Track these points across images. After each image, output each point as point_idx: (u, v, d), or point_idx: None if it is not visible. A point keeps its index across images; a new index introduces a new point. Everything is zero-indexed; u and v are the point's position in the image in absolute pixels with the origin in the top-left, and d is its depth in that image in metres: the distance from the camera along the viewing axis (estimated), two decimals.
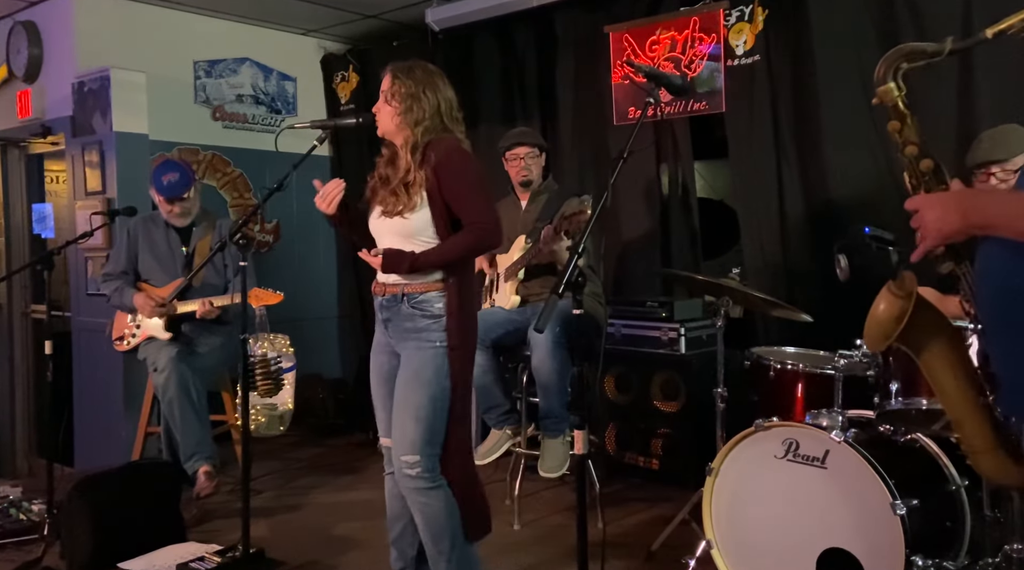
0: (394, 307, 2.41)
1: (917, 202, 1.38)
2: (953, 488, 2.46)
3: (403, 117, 2.38)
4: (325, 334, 5.73)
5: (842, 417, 2.47)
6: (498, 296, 3.64)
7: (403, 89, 2.38)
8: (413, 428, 2.32)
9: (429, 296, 2.37)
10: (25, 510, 3.49)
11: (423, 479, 2.33)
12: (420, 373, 2.34)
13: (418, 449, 2.32)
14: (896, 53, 1.48)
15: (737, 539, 2.55)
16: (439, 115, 2.40)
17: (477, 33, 4.96)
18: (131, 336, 3.88)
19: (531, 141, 3.65)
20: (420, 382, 2.34)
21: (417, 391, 2.34)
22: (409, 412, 2.34)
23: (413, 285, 2.37)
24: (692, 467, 3.55)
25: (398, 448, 2.36)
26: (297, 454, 4.74)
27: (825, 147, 3.75)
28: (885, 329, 1.58)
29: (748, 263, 3.97)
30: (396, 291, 2.39)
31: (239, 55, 5.29)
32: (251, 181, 5.34)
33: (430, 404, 2.33)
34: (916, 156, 1.45)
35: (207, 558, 2.86)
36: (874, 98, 1.49)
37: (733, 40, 3.97)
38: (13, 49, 4.86)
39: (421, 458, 2.32)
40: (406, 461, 2.33)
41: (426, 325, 2.36)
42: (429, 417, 2.32)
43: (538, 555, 3.15)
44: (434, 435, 2.34)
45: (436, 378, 2.33)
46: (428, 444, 2.33)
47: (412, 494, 2.36)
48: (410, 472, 2.33)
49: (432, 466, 2.34)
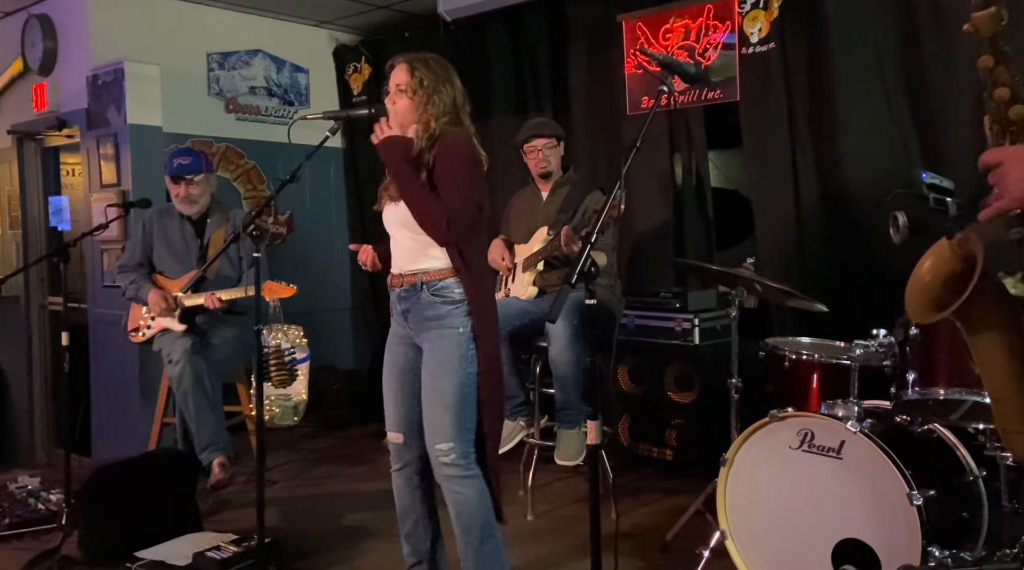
0: (413, 297, 2.40)
1: (999, 154, 1.20)
2: (971, 479, 2.44)
3: (424, 109, 2.36)
4: (339, 325, 5.74)
5: (858, 407, 2.44)
6: (514, 286, 3.63)
7: (424, 81, 2.37)
8: (444, 416, 2.32)
9: (448, 282, 2.36)
10: (43, 500, 3.53)
11: (458, 467, 2.33)
12: (445, 361, 2.34)
13: (451, 436, 2.32)
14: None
15: (751, 529, 2.54)
16: (455, 108, 2.40)
17: (489, 23, 4.94)
18: (146, 328, 3.91)
19: (548, 132, 3.62)
20: (446, 370, 2.33)
21: (444, 379, 2.33)
22: (440, 401, 2.33)
23: (430, 273, 2.37)
24: (706, 458, 3.52)
25: (432, 437, 2.35)
26: (311, 445, 4.76)
27: (841, 136, 3.71)
28: (932, 293, 1.38)
29: (762, 253, 3.95)
30: (414, 280, 2.39)
31: (252, 47, 5.30)
32: (264, 173, 5.35)
33: (458, 391, 2.33)
34: (1006, 100, 1.24)
35: (223, 547, 2.88)
36: (967, 25, 1.27)
37: (748, 28, 3.93)
38: (28, 42, 4.89)
39: (454, 444, 2.32)
40: (440, 449, 2.33)
41: (447, 311, 2.35)
42: (459, 404, 2.33)
43: (551, 546, 3.15)
44: (465, 421, 2.34)
45: (461, 364, 2.34)
46: (460, 431, 2.33)
47: (446, 482, 2.36)
48: (445, 460, 2.33)
49: (466, 452, 2.34)
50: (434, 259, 2.38)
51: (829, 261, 3.77)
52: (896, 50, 3.53)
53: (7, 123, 5.13)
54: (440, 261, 2.38)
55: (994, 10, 1.22)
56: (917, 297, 1.43)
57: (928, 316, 1.44)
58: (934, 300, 1.39)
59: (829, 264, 3.76)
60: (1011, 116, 1.24)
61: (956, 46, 3.28)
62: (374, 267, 2.55)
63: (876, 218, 3.62)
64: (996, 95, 1.25)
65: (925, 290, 1.42)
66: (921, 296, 1.43)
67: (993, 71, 1.25)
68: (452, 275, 2.37)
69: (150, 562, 2.84)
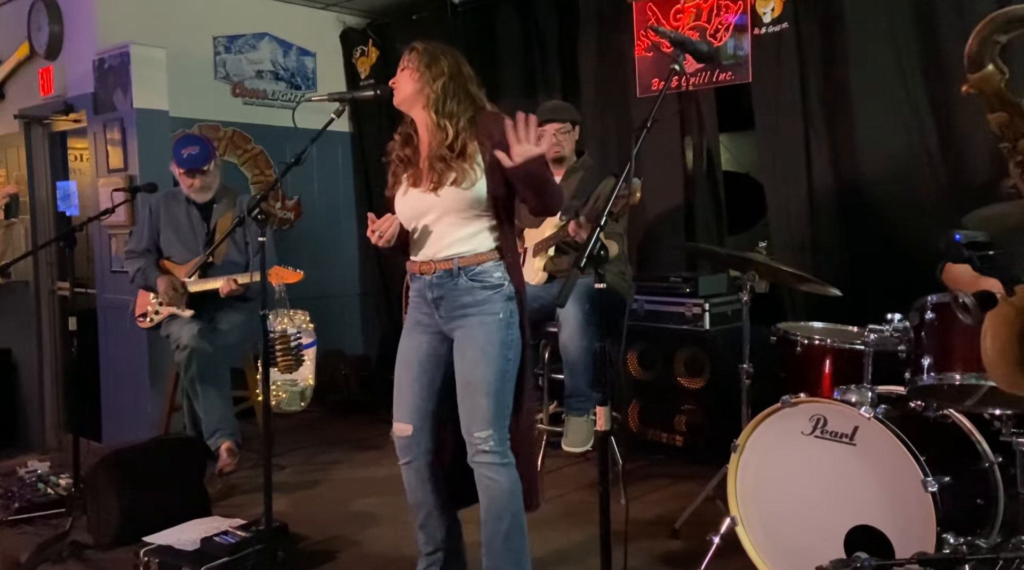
0: (448, 283, 2.34)
1: None
2: (986, 465, 2.41)
3: (421, 81, 2.33)
4: (348, 311, 5.74)
5: (872, 393, 2.41)
6: (524, 271, 3.59)
7: (422, 52, 2.36)
8: (484, 403, 2.28)
9: (486, 266, 2.32)
10: (53, 484, 3.54)
11: (495, 454, 2.30)
12: (486, 348, 2.29)
13: (490, 424, 2.28)
14: (989, 26, 1.19)
15: (763, 516, 2.51)
16: (462, 76, 2.35)
17: (497, 5, 4.89)
18: (154, 313, 3.90)
19: (562, 117, 3.55)
20: (488, 358, 2.29)
21: (485, 366, 2.29)
22: (480, 389, 2.29)
23: (467, 257, 2.32)
24: (716, 444, 3.49)
25: (470, 425, 2.31)
26: (320, 430, 4.76)
27: (855, 118, 3.65)
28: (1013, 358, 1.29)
29: (775, 237, 3.91)
30: (449, 266, 2.33)
31: (258, 30, 5.26)
32: (271, 158, 5.33)
33: (500, 378, 2.29)
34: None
35: (230, 532, 2.88)
36: (965, 86, 1.21)
37: (760, 7, 3.87)
38: (34, 26, 4.87)
39: (493, 432, 2.29)
40: (479, 437, 2.29)
41: (487, 297, 2.31)
42: (499, 391, 2.29)
43: (561, 531, 3.14)
44: (504, 408, 2.31)
45: (502, 351, 2.30)
46: (498, 418, 2.30)
47: (482, 469, 2.32)
48: (484, 447, 2.29)
49: (503, 440, 2.31)
50: (469, 243, 2.33)
51: (842, 245, 3.72)
52: (912, 30, 3.46)
53: (14, 108, 5.12)
54: (475, 245, 2.33)
55: (991, 68, 1.16)
56: (999, 369, 1.36)
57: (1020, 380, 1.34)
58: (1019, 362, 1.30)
59: (842, 248, 3.72)
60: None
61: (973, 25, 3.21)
62: (388, 242, 2.40)
63: (890, 200, 3.58)
64: (1021, 146, 1.20)
65: (1003, 359, 1.34)
66: (1004, 366, 1.35)
67: (1011, 125, 1.19)
68: (490, 259, 2.33)
69: (159, 547, 2.84)
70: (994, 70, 1.17)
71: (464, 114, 2.34)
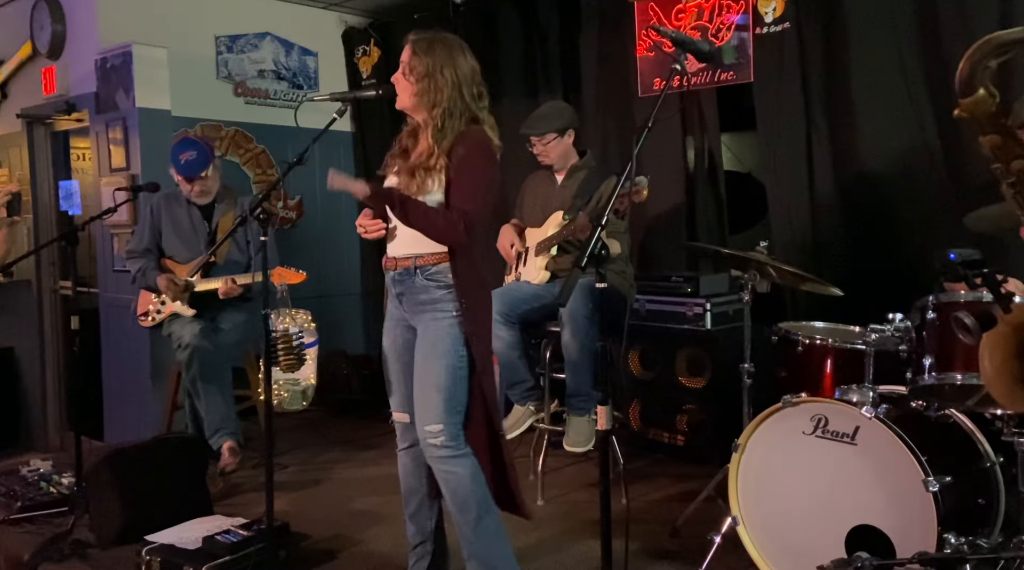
0: (407, 280, 2.41)
1: None
2: (987, 465, 2.41)
3: (419, 98, 2.35)
4: (349, 310, 5.74)
5: (873, 393, 2.41)
6: (526, 270, 3.60)
7: (420, 67, 2.33)
8: (434, 397, 2.34)
9: (442, 267, 2.37)
10: (55, 483, 3.54)
11: (448, 448, 2.34)
12: (437, 344, 2.35)
13: (440, 418, 2.33)
14: (980, 50, 1.18)
15: (764, 515, 2.52)
16: (459, 95, 2.34)
17: (499, 4, 4.89)
18: (156, 313, 3.91)
19: (538, 130, 3.50)
20: (438, 353, 2.35)
21: (435, 361, 2.35)
22: (429, 382, 2.35)
23: (425, 257, 2.37)
24: (718, 443, 3.51)
25: (421, 419, 2.37)
26: (321, 429, 4.76)
27: (857, 118, 3.65)
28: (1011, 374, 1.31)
29: (776, 237, 3.90)
30: (408, 264, 2.40)
31: (260, 30, 5.27)
32: (273, 157, 5.33)
33: (449, 373, 2.34)
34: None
35: (232, 531, 2.88)
36: (957, 110, 1.22)
37: (762, 7, 3.86)
38: (37, 25, 4.88)
39: (444, 426, 2.33)
40: (430, 431, 2.34)
41: (441, 296, 2.36)
42: (449, 386, 2.34)
43: (562, 530, 3.14)
44: (455, 404, 2.35)
45: (454, 347, 2.35)
46: (449, 412, 2.34)
47: (437, 463, 2.37)
48: (434, 442, 2.34)
49: (455, 434, 2.35)
50: (427, 244, 2.37)
51: (844, 244, 3.72)
52: (914, 29, 3.46)
53: (17, 107, 5.13)
54: (434, 246, 2.37)
55: (982, 93, 1.17)
56: (998, 387, 1.37)
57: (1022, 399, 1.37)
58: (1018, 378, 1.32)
59: (844, 247, 3.71)
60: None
61: (975, 25, 3.22)
62: (378, 234, 2.48)
63: (891, 200, 3.58)
64: (1014, 167, 1.21)
65: (1001, 376, 1.35)
66: (1001, 383, 1.36)
67: (1003, 146, 1.20)
68: (445, 260, 2.37)
69: (161, 546, 2.84)
70: (985, 94, 1.17)
71: (454, 132, 2.34)
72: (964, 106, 1.20)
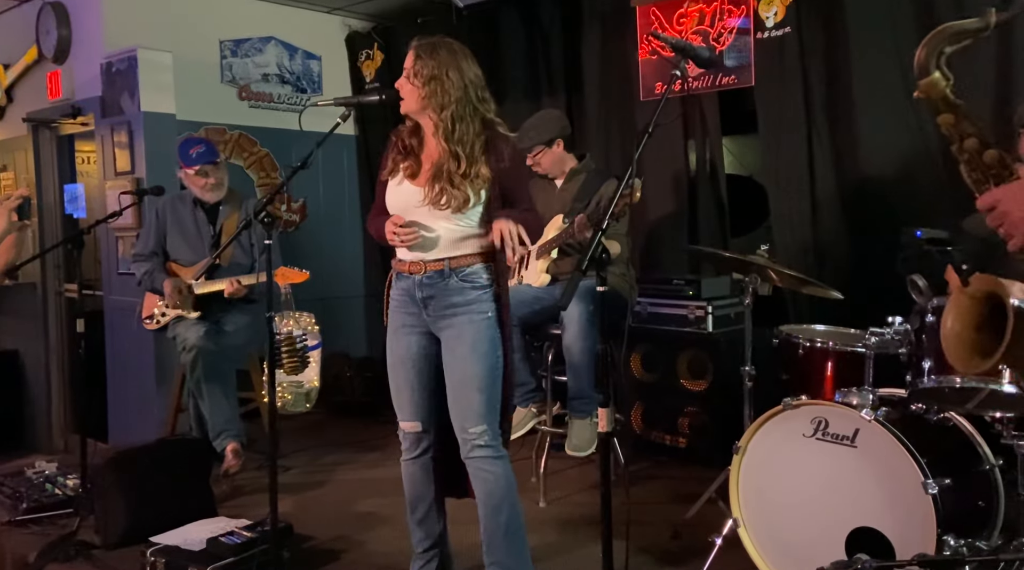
0: (439, 283, 2.38)
1: (994, 197, 1.27)
2: (987, 468, 2.41)
3: (427, 100, 2.34)
4: (352, 313, 5.76)
5: (873, 395, 2.41)
6: (527, 273, 3.62)
7: (425, 70, 2.33)
8: (477, 399, 2.34)
9: (476, 268, 2.38)
10: (60, 485, 3.56)
11: (491, 448, 2.35)
12: (476, 345, 2.35)
13: (484, 418, 2.34)
14: (936, 37, 1.31)
15: (764, 518, 2.53)
16: (467, 97, 2.34)
17: (502, 9, 4.91)
18: (160, 315, 3.93)
19: (527, 143, 3.49)
20: (478, 354, 2.34)
21: (477, 363, 2.34)
22: (473, 384, 2.34)
23: (458, 259, 2.37)
24: (719, 446, 3.51)
25: (464, 421, 2.36)
26: (324, 431, 4.78)
27: (858, 121, 3.66)
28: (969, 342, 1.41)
29: (777, 240, 3.92)
30: (440, 267, 2.37)
31: (264, 34, 5.29)
32: (278, 160, 5.36)
33: (491, 375, 2.35)
34: (977, 148, 1.31)
35: (236, 533, 2.89)
36: (916, 92, 1.33)
37: (763, 12, 3.88)
38: (42, 30, 4.91)
39: (487, 427, 2.34)
40: (474, 432, 2.34)
41: (477, 296, 2.37)
42: (491, 387, 2.35)
43: (563, 532, 3.15)
44: (495, 404, 2.38)
45: (492, 348, 2.36)
46: (491, 413, 2.36)
47: (478, 463, 2.37)
48: (479, 442, 2.35)
49: (496, 434, 2.37)
50: (460, 247, 2.38)
51: (844, 248, 3.73)
52: (914, 33, 3.47)
53: (22, 111, 5.16)
54: (466, 248, 2.38)
55: (937, 75, 1.28)
56: (956, 350, 1.47)
57: (977, 365, 1.47)
58: (974, 347, 1.41)
59: (844, 251, 3.73)
60: (987, 161, 1.30)
61: None
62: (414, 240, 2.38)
63: (892, 203, 3.58)
64: (967, 146, 1.32)
65: (961, 342, 1.45)
66: (960, 348, 1.45)
67: (956, 125, 1.31)
68: (480, 261, 2.38)
69: (165, 547, 2.85)
70: (940, 76, 1.29)
71: (477, 138, 2.35)
72: (922, 87, 1.31)
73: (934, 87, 1.30)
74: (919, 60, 1.31)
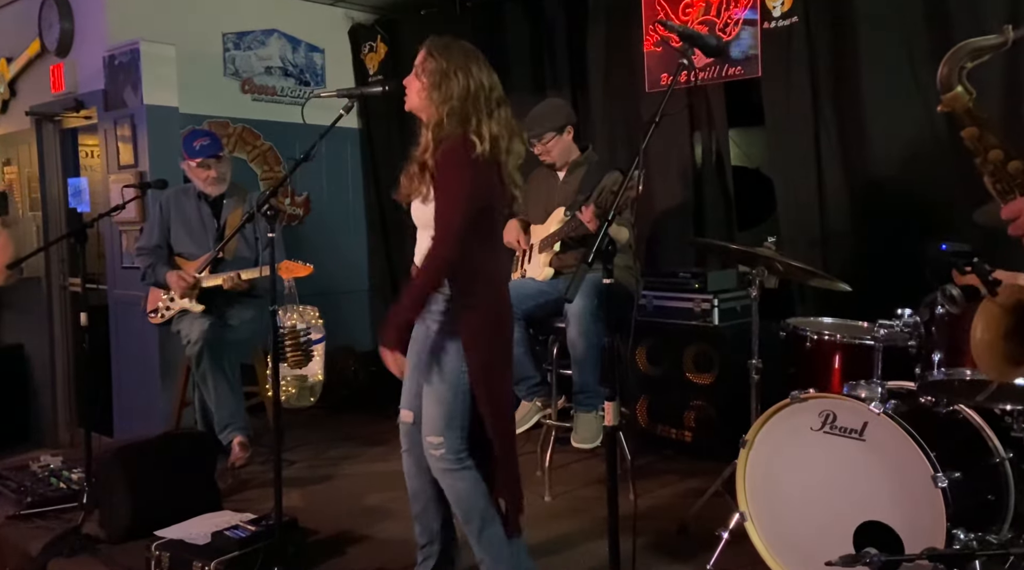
0: None
1: (1019, 206, 1.31)
2: (997, 461, 2.39)
3: (430, 94, 2.30)
4: (356, 306, 5.75)
5: (881, 388, 2.40)
6: (530, 267, 3.60)
7: (434, 65, 2.30)
8: (435, 410, 2.34)
9: None
10: (65, 479, 3.57)
11: (447, 460, 2.34)
12: (440, 357, 2.34)
13: (440, 431, 2.33)
14: (957, 54, 1.36)
15: (771, 511, 2.51)
16: (467, 100, 2.28)
17: (505, 0, 4.88)
18: (165, 309, 3.92)
19: (534, 131, 3.46)
20: (439, 366, 2.34)
21: (436, 375, 2.35)
22: (432, 395, 2.35)
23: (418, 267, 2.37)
24: (725, 440, 3.49)
25: (424, 428, 2.37)
26: (329, 425, 4.77)
27: (866, 113, 3.63)
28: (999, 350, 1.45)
29: (784, 232, 3.89)
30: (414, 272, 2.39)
31: (267, 27, 5.27)
32: (281, 154, 5.34)
33: (450, 388, 2.33)
34: (1001, 160, 1.34)
35: (241, 526, 2.89)
36: (940, 106, 1.39)
37: (770, 1, 3.84)
38: (45, 23, 4.89)
39: (444, 439, 2.33)
40: (431, 442, 2.35)
41: (447, 307, 2.34)
42: (449, 401, 2.33)
43: (569, 527, 3.14)
44: (453, 419, 2.34)
45: (453, 361, 2.33)
46: (449, 427, 2.33)
47: (439, 474, 2.37)
48: (435, 453, 2.35)
49: (456, 447, 2.34)
50: (420, 254, 2.36)
51: (852, 240, 3.70)
52: (922, 23, 3.44)
53: (26, 105, 5.16)
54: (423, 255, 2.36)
55: (960, 89, 1.33)
56: (986, 359, 1.50)
57: (1008, 373, 1.52)
58: (1005, 356, 1.44)
59: (852, 243, 3.70)
60: (1011, 171, 1.33)
61: (985, 19, 3.19)
62: None
63: (900, 195, 3.56)
64: (991, 157, 1.35)
65: (991, 350, 1.48)
66: (990, 357, 1.49)
67: (981, 139, 1.35)
68: None
69: (170, 541, 2.85)
70: (963, 91, 1.34)
71: (451, 133, 2.28)
72: (946, 101, 1.36)
73: (957, 101, 1.35)
74: (942, 76, 1.36)
